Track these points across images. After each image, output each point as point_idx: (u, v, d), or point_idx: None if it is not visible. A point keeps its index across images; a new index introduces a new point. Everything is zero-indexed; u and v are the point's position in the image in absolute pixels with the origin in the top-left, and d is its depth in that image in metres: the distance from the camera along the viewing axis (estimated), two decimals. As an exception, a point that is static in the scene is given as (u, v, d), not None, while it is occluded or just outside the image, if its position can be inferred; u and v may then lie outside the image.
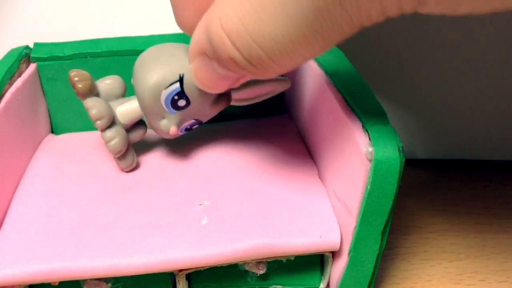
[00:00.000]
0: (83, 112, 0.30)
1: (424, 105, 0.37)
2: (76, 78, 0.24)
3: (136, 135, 0.26)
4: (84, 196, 0.24)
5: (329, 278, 0.24)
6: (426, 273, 0.28)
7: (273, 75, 0.17)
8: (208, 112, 0.25)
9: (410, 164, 0.38)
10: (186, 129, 0.25)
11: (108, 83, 0.26)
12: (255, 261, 0.22)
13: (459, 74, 0.36)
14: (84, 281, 0.22)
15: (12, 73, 0.26)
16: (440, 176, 0.37)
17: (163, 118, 0.24)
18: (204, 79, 0.21)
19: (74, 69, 0.25)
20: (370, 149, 0.19)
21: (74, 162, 0.26)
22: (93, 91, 0.25)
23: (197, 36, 0.19)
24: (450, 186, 0.36)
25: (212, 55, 0.18)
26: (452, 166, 0.38)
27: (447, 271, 0.29)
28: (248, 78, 0.21)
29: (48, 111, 0.30)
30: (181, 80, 0.23)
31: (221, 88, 0.21)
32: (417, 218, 0.33)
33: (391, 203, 0.20)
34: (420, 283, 0.28)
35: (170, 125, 0.24)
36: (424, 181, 0.37)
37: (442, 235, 0.31)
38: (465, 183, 0.36)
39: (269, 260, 0.22)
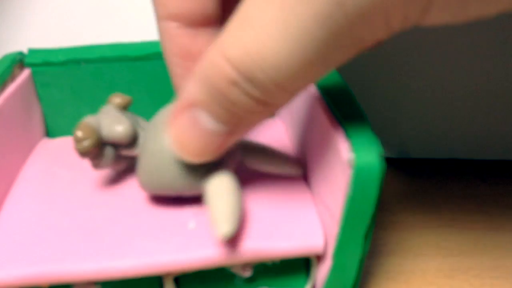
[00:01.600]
0: (78, 116, 0.30)
1: (419, 105, 0.37)
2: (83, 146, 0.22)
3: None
4: (75, 200, 0.24)
5: (314, 281, 0.24)
6: (420, 268, 0.29)
7: (274, 108, 0.16)
8: None
9: (404, 163, 0.39)
10: None
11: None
12: (241, 264, 0.23)
13: (454, 73, 0.36)
14: (74, 284, 0.22)
15: (5, 79, 0.26)
16: (434, 175, 0.38)
17: None
18: (189, 141, 0.18)
19: (81, 131, 0.23)
20: (351, 155, 0.19)
21: (67, 166, 0.27)
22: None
23: (186, 89, 0.17)
24: (444, 184, 0.37)
25: (208, 98, 0.16)
26: (445, 165, 0.39)
27: (440, 267, 0.29)
28: (237, 137, 0.18)
29: (43, 115, 0.30)
30: None
31: (207, 151, 0.19)
32: (411, 215, 0.33)
33: (372, 208, 0.20)
34: (414, 278, 0.28)
35: None
36: (418, 179, 0.37)
37: (435, 231, 0.32)
38: (459, 181, 0.37)
39: (254, 263, 0.23)
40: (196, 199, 0.24)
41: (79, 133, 0.22)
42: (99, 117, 0.24)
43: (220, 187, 0.22)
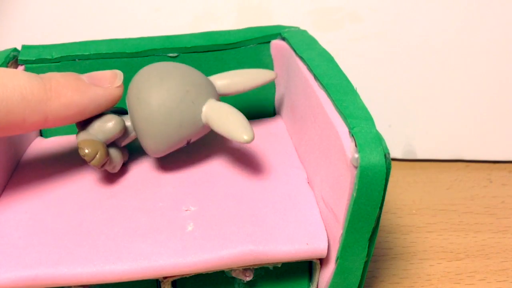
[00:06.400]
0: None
1: (425, 105, 0.37)
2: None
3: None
4: (70, 201, 0.24)
5: (317, 285, 0.23)
6: (425, 273, 0.28)
7: None
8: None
9: (410, 164, 0.39)
10: None
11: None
12: (241, 268, 0.22)
13: (460, 74, 0.36)
14: (69, 287, 0.22)
15: (-2, 77, 0.25)
16: (440, 176, 0.37)
17: None
18: None
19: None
20: (356, 155, 0.19)
21: (61, 166, 0.26)
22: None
23: None
24: (450, 186, 0.36)
25: None
26: (452, 166, 0.38)
27: (446, 271, 0.29)
28: None
29: (37, 114, 0.29)
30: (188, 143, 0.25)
31: None
32: (416, 218, 0.33)
33: (377, 210, 0.20)
34: (419, 282, 0.28)
35: None
36: (424, 181, 0.37)
37: (441, 234, 0.31)
38: (465, 183, 0.37)
39: (255, 267, 0.22)
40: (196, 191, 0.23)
41: (88, 150, 0.23)
42: (86, 131, 0.24)
43: (222, 107, 0.23)
